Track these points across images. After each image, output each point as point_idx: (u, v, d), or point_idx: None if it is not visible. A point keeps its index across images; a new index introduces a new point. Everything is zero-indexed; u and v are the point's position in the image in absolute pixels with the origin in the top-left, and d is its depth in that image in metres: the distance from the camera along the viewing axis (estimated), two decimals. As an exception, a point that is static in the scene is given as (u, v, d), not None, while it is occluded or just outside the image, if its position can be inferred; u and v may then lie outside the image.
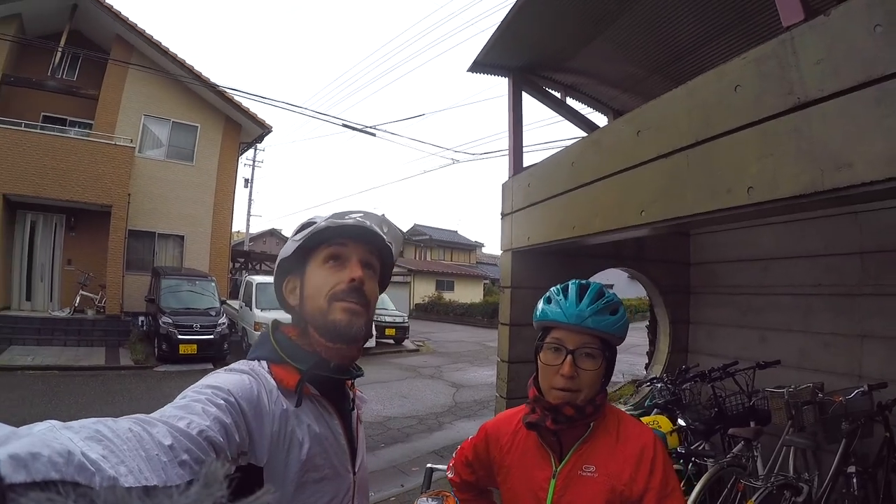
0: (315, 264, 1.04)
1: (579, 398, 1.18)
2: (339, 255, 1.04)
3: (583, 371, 1.18)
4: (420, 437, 7.00)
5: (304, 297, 1.03)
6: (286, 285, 1.08)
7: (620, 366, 11.80)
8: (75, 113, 14.23)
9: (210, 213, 15.69)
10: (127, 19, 13.59)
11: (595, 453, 1.20)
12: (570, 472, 1.21)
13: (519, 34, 4.53)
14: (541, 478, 1.24)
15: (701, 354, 5.00)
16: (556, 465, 1.23)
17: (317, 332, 1.00)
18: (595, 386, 1.20)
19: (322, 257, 1.04)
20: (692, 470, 3.37)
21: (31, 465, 0.40)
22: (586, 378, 1.18)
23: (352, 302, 1.00)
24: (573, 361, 1.17)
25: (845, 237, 3.68)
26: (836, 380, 3.53)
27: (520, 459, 1.31)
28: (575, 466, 1.21)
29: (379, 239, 1.08)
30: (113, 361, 10.65)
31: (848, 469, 2.89)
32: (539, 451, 1.27)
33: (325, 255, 1.04)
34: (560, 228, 3.86)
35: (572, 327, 1.19)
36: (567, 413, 1.17)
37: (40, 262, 13.35)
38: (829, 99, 1.77)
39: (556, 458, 1.24)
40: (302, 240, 1.03)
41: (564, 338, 1.20)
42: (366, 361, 12.93)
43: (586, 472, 1.19)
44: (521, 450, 1.31)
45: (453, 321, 28.00)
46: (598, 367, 1.18)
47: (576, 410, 1.17)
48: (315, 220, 1.07)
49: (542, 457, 1.26)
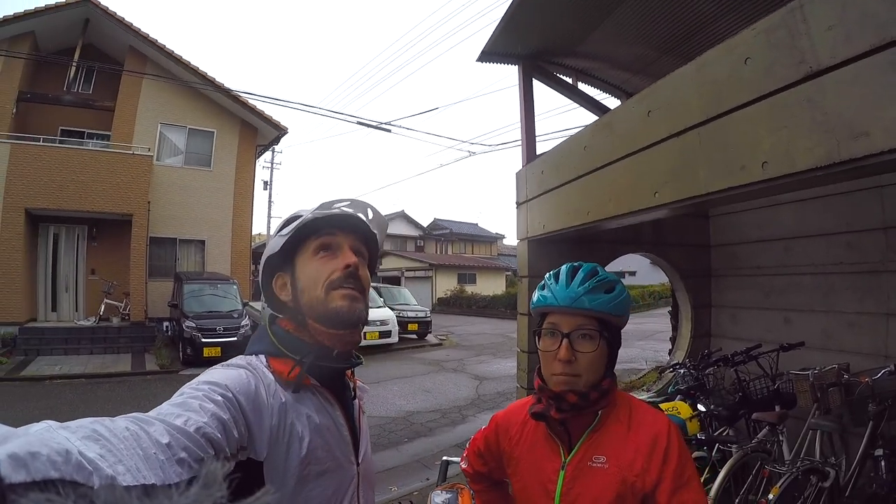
0: (305, 257, 1.03)
1: (580, 383, 1.14)
2: (329, 245, 1.03)
3: (580, 354, 1.14)
4: (443, 431, 7.01)
5: (298, 290, 1.02)
6: (276, 282, 1.07)
7: (644, 353, 11.76)
8: (92, 125, 14.49)
9: (230, 217, 15.84)
10: (139, 30, 13.78)
11: (605, 443, 1.16)
12: (579, 463, 1.17)
13: (525, 21, 4.48)
14: (549, 469, 1.20)
15: (724, 338, 4.91)
16: (564, 456, 1.19)
17: (318, 323, 0.99)
18: (596, 369, 1.16)
19: (312, 249, 1.03)
20: (716, 456, 3.32)
21: (30, 465, 0.40)
22: (584, 361, 1.14)
23: (349, 288, 1.00)
24: (569, 345, 1.14)
25: (868, 213, 3.57)
26: (862, 360, 3.43)
27: (529, 451, 1.27)
28: (584, 457, 1.16)
29: (366, 226, 1.09)
30: (139, 367, 10.84)
31: (875, 452, 2.82)
32: (548, 441, 1.24)
33: (316, 246, 1.03)
34: (575, 215, 3.81)
35: (565, 309, 1.16)
36: (570, 400, 1.13)
37: (64, 273, 13.62)
38: (842, 66, 1.70)
39: (566, 448, 1.20)
40: (290, 233, 1.02)
41: (559, 321, 1.17)
42: (388, 357, 13.20)
43: (596, 463, 1.15)
44: (531, 441, 1.28)
45: (476, 314, 27.94)
46: (595, 348, 1.14)
47: (579, 397, 1.13)
48: (301, 214, 1.06)
49: (551, 448, 1.23)
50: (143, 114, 14.32)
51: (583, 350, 1.14)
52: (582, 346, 1.14)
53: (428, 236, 41.53)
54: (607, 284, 1.18)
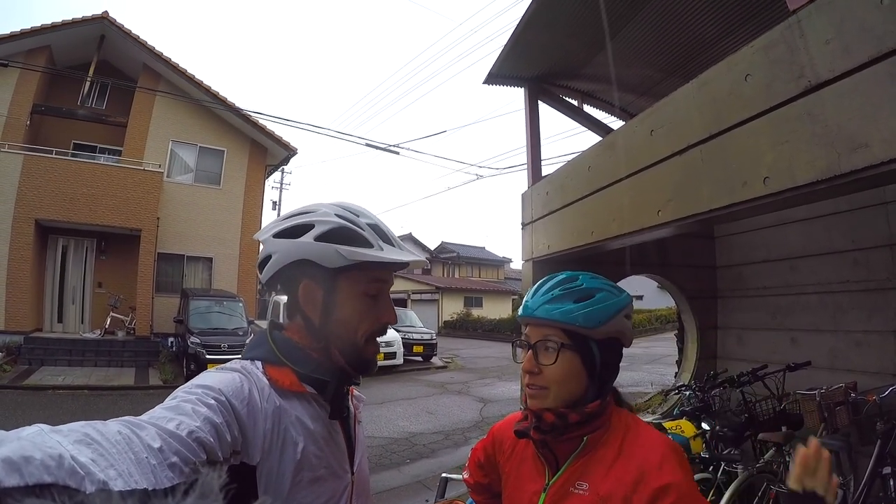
0: (350, 289, 0.97)
1: (549, 397, 1.08)
2: (378, 291, 1.00)
3: (543, 367, 1.08)
4: (445, 453, 6.93)
5: (331, 317, 0.96)
6: (303, 288, 0.97)
7: (651, 376, 11.65)
8: (105, 140, 14.74)
9: (238, 236, 15.94)
10: (153, 48, 14.08)
11: (590, 469, 1.06)
12: (560, 488, 1.09)
13: (530, 44, 4.55)
14: (531, 490, 1.14)
15: (730, 360, 4.86)
16: (549, 478, 1.13)
17: (343, 358, 0.98)
18: (565, 384, 1.08)
19: (363, 287, 0.98)
20: (722, 478, 3.26)
21: (23, 469, 0.40)
22: (550, 374, 1.08)
23: (381, 342, 1.06)
24: (533, 356, 1.10)
25: (874, 229, 3.55)
26: (869, 379, 3.38)
27: (516, 468, 1.23)
28: (568, 482, 1.08)
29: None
30: (142, 381, 10.84)
31: (884, 471, 2.76)
32: (535, 461, 1.18)
33: (366, 290, 0.98)
34: (579, 235, 3.82)
35: (529, 320, 1.13)
36: (548, 419, 1.06)
37: (71, 285, 13.72)
38: (840, 79, 1.72)
39: (551, 470, 1.13)
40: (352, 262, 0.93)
41: (529, 332, 1.13)
42: (393, 378, 13.12)
43: (578, 490, 1.06)
44: (520, 458, 1.23)
45: (482, 337, 27.82)
46: (553, 361, 1.06)
47: (557, 417, 1.06)
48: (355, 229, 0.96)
49: (536, 468, 1.17)
50: (154, 130, 14.56)
51: (544, 362, 1.09)
52: (543, 357, 1.09)
53: (435, 259, 41.58)
54: (580, 293, 1.11)
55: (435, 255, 41.75)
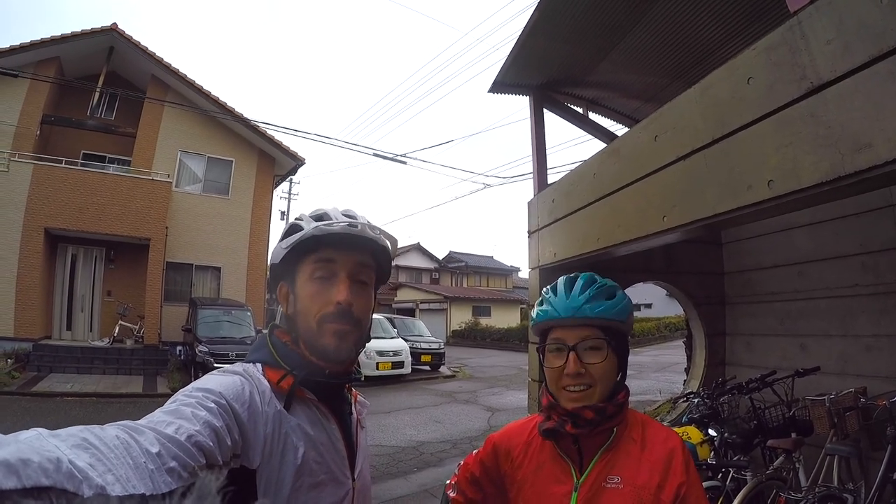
0: (303, 276, 1.00)
1: (594, 395, 1.10)
2: (326, 270, 0.99)
3: (590, 366, 1.10)
4: (453, 461, 6.87)
5: (296, 308, 1.00)
6: (280, 290, 1.05)
7: (659, 384, 11.54)
8: (114, 150, 14.90)
9: (246, 245, 16.05)
10: (162, 60, 14.25)
11: (619, 463, 1.09)
12: (593, 485, 1.09)
13: (534, 52, 4.57)
14: (560, 493, 1.12)
15: (739, 366, 4.82)
16: (577, 477, 1.12)
17: (307, 350, 0.98)
18: (608, 380, 1.11)
19: (309, 269, 0.99)
20: (730, 486, 3.22)
21: (21, 472, 0.40)
22: (595, 372, 1.10)
23: (341, 324, 0.97)
24: (577, 357, 1.09)
25: (882, 233, 3.53)
26: (880, 384, 3.35)
27: (534, 474, 1.19)
28: (599, 478, 1.09)
29: (371, 243, 1.03)
30: (150, 389, 10.87)
31: (895, 476, 2.72)
32: (557, 463, 1.16)
33: (311, 272, 0.99)
34: (585, 242, 3.81)
35: (568, 321, 1.12)
36: (587, 416, 1.08)
37: (81, 293, 13.82)
38: (842, 79, 1.71)
39: (577, 469, 1.13)
40: (289, 248, 0.99)
41: (564, 335, 1.12)
42: (401, 387, 13.10)
43: (611, 484, 1.07)
44: (536, 463, 1.20)
45: (490, 346, 27.79)
46: (603, 359, 1.09)
47: (596, 413, 1.08)
48: (300, 223, 1.01)
49: (561, 469, 1.15)
50: (163, 141, 14.69)
51: (592, 361, 1.10)
52: (590, 357, 1.10)
53: (443, 269, 41.61)
54: (608, 291, 1.15)
55: (443, 265, 41.79)
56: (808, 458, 3.23)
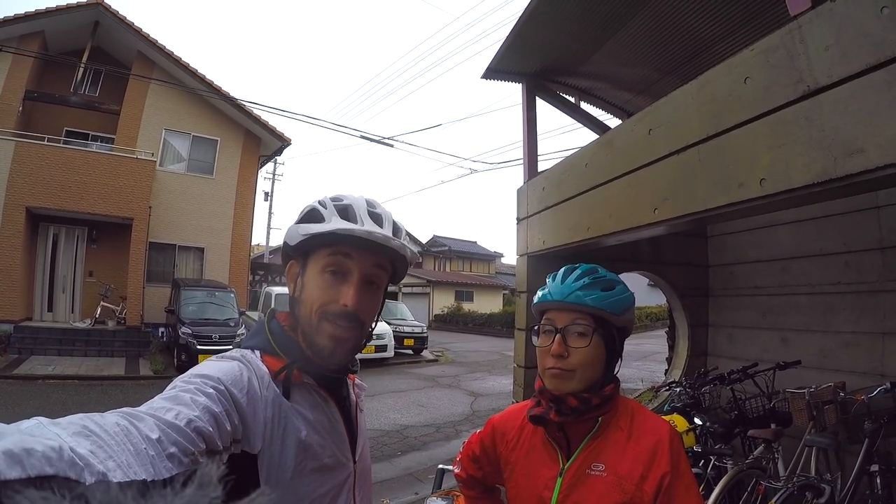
0: (315, 265, 0.97)
1: (574, 379, 1.13)
2: (338, 270, 0.96)
3: (573, 349, 1.12)
4: (436, 445, 6.96)
5: (302, 295, 0.98)
6: (290, 269, 1.03)
7: (640, 373, 11.69)
8: (97, 128, 14.57)
9: (230, 226, 15.85)
10: (148, 36, 13.92)
11: (605, 451, 1.13)
12: (577, 471, 1.13)
13: (530, 40, 4.56)
14: (546, 476, 1.17)
15: (721, 358, 4.92)
16: (563, 463, 1.16)
17: (304, 342, 0.97)
18: (591, 367, 1.13)
19: (322, 262, 0.96)
20: (711, 473, 3.31)
21: (25, 461, 0.40)
22: (577, 357, 1.12)
23: (341, 326, 0.94)
24: (562, 339, 1.13)
25: (865, 233, 3.62)
26: (858, 379, 3.45)
27: (525, 456, 1.24)
28: (583, 464, 1.13)
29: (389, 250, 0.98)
30: (133, 371, 10.75)
31: (871, 468, 2.81)
32: (546, 447, 1.20)
33: (325, 265, 0.96)
34: (574, 231, 3.84)
35: (559, 304, 1.15)
36: (571, 404, 1.11)
37: (62, 274, 13.56)
38: (838, 85, 1.75)
39: (564, 455, 1.17)
40: (305, 238, 0.95)
41: (554, 317, 1.16)
42: (384, 371, 13.13)
43: (595, 471, 1.11)
44: (528, 446, 1.25)
45: (473, 331, 27.86)
46: (587, 344, 1.11)
47: (580, 402, 1.11)
48: (321, 212, 0.96)
49: (549, 454, 1.19)
50: (147, 119, 14.41)
51: (575, 346, 1.12)
52: (574, 341, 1.13)
53: (426, 252, 41.45)
54: (605, 283, 1.17)
55: (426, 249, 41.64)
56: (787, 449, 3.32)
